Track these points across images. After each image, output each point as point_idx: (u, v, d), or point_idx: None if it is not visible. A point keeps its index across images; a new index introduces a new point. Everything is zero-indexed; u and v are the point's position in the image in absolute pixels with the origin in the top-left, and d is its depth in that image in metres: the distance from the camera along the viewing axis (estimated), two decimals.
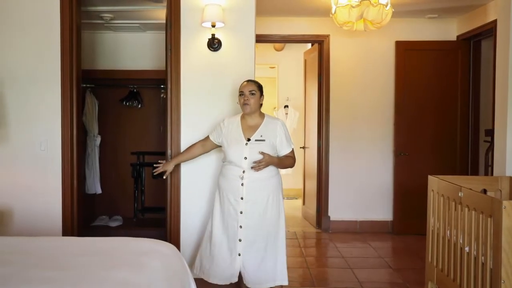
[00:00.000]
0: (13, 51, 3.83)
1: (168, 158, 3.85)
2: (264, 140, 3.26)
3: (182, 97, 3.87)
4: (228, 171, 3.32)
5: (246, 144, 3.26)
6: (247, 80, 3.39)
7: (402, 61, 5.69)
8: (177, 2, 3.83)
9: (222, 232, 3.32)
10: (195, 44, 3.86)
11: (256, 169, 3.19)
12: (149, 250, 2.57)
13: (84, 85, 4.90)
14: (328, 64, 5.81)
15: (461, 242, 2.96)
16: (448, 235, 3.17)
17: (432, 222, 3.45)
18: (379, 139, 5.84)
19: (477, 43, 5.61)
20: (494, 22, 4.72)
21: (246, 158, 3.22)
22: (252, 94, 3.28)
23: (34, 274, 2.14)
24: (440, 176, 3.41)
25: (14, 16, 3.82)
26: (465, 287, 2.86)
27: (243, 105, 3.29)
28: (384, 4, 4.39)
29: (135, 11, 4.80)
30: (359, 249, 5.15)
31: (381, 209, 5.86)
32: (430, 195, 3.49)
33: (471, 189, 2.93)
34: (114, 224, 5.27)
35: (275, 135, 3.29)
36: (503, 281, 2.43)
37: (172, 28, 3.84)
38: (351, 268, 4.43)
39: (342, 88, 5.83)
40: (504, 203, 2.42)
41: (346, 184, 5.87)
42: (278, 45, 7.96)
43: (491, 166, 4.47)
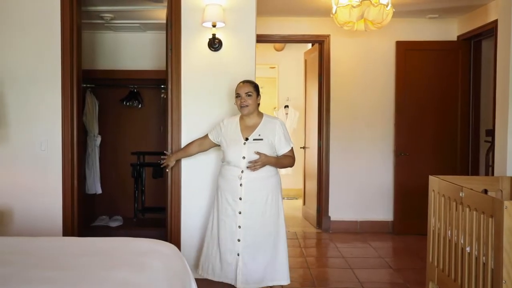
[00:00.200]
0: (13, 51, 3.83)
1: None
2: (262, 139, 3.25)
3: (182, 97, 3.87)
4: (227, 171, 3.32)
5: (244, 143, 3.26)
6: (243, 82, 3.36)
7: (402, 61, 5.68)
8: (177, 2, 3.82)
9: (222, 232, 3.32)
10: (196, 44, 3.86)
11: (252, 169, 3.19)
12: (149, 250, 2.56)
13: (84, 85, 4.90)
14: (328, 64, 5.80)
15: (462, 242, 2.96)
16: (449, 235, 3.17)
17: (433, 222, 3.45)
18: (379, 139, 5.83)
19: (477, 43, 5.61)
20: (495, 22, 4.72)
21: (244, 158, 3.22)
22: (249, 95, 3.27)
23: (34, 274, 2.14)
24: (441, 176, 3.41)
25: (14, 16, 3.82)
26: (466, 287, 2.86)
27: (241, 107, 3.29)
28: (384, 4, 4.39)
29: (136, 11, 4.80)
30: (360, 249, 5.15)
31: (381, 209, 5.86)
32: (431, 195, 3.48)
33: (472, 189, 2.93)
34: (114, 224, 5.27)
35: (273, 134, 3.28)
36: (504, 281, 2.42)
37: (172, 28, 3.84)
38: (352, 268, 4.43)
39: (342, 88, 5.82)
40: (506, 203, 2.41)
41: (347, 184, 5.87)
42: (278, 45, 7.96)
43: (492, 166, 4.47)
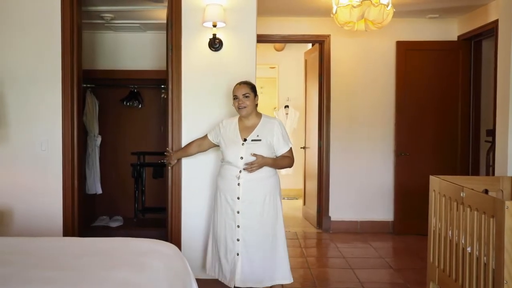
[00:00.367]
0: (13, 51, 3.82)
1: None
2: (260, 140, 3.26)
3: (183, 97, 3.87)
4: (226, 171, 3.33)
5: (243, 144, 3.26)
6: (239, 83, 3.36)
7: (403, 61, 5.68)
8: (178, 2, 3.82)
9: (222, 232, 3.34)
10: (196, 44, 3.85)
11: (248, 170, 3.19)
12: (150, 250, 2.56)
13: (84, 85, 4.89)
14: (328, 64, 5.80)
15: (463, 242, 2.96)
16: (450, 235, 3.16)
17: (434, 222, 3.44)
18: (379, 139, 5.83)
19: (478, 43, 5.60)
20: (495, 22, 4.72)
21: (242, 158, 3.23)
22: (246, 96, 3.28)
23: (34, 275, 2.14)
24: (441, 176, 3.40)
25: (14, 16, 3.82)
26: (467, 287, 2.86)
27: (239, 109, 3.30)
28: (385, 4, 4.39)
29: (136, 11, 4.80)
30: (360, 249, 5.15)
31: (381, 209, 5.85)
32: (432, 195, 3.48)
33: (472, 189, 2.93)
34: (114, 224, 5.26)
35: (272, 135, 3.28)
36: (505, 281, 2.42)
37: (173, 28, 3.83)
38: (352, 269, 4.42)
39: (342, 88, 5.82)
40: (507, 203, 2.41)
41: (347, 184, 5.86)
42: (278, 45, 7.95)
43: (492, 166, 4.46)
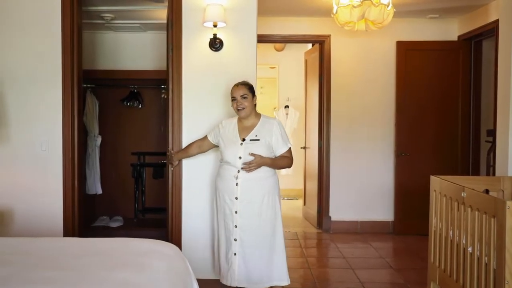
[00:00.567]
0: (13, 51, 3.82)
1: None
2: (258, 139, 3.26)
3: (183, 97, 3.87)
4: (224, 171, 3.33)
5: (241, 144, 3.26)
6: (237, 84, 3.35)
7: (403, 61, 5.68)
8: (178, 2, 3.81)
9: (222, 232, 3.35)
10: (197, 44, 3.85)
11: (246, 170, 3.19)
12: (150, 250, 2.56)
13: (84, 85, 4.89)
14: (329, 64, 5.80)
15: (464, 242, 2.95)
16: (450, 235, 3.16)
17: (435, 222, 3.44)
18: (380, 139, 5.83)
19: (478, 43, 5.60)
20: (495, 22, 4.71)
21: (240, 158, 3.23)
22: (244, 97, 3.28)
23: (34, 275, 2.13)
24: (442, 176, 3.40)
25: (15, 16, 3.81)
26: None
27: (237, 110, 3.30)
28: (385, 4, 4.38)
29: (136, 11, 4.79)
30: (360, 249, 5.14)
31: (382, 209, 5.85)
32: (433, 196, 3.48)
33: (473, 189, 2.92)
34: (114, 224, 5.26)
35: (270, 135, 3.28)
36: (507, 281, 2.41)
37: (173, 28, 3.83)
38: (353, 269, 4.42)
39: (343, 88, 5.82)
40: (508, 203, 2.41)
41: (347, 184, 5.86)
42: (278, 45, 7.95)
43: (493, 166, 4.46)
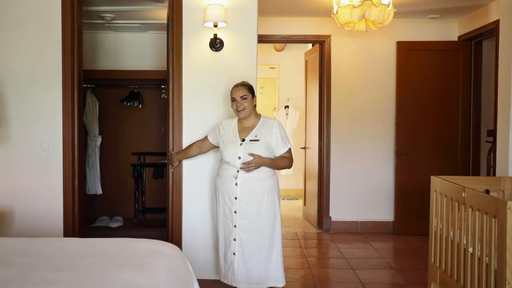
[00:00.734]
0: (13, 51, 3.81)
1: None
2: (258, 140, 3.26)
3: (184, 97, 3.87)
4: (224, 171, 3.33)
5: (241, 144, 3.26)
6: (236, 85, 3.35)
7: (403, 61, 5.68)
8: (179, 2, 3.82)
9: (222, 232, 3.36)
10: (197, 44, 3.85)
11: (245, 170, 3.20)
12: (152, 251, 2.55)
13: (84, 85, 4.89)
14: (329, 65, 5.79)
15: (464, 243, 2.95)
16: (451, 236, 3.16)
17: (435, 222, 3.44)
18: (380, 139, 5.83)
19: (478, 43, 5.60)
20: (496, 22, 4.72)
21: (240, 158, 3.23)
22: (244, 98, 3.28)
23: (35, 276, 2.13)
24: (442, 177, 3.40)
25: (15, 16, 3.81)
26: None
27: (237, 111, 3.30)
28: (386, 4, 4.38)
29: (136, 11, 4.79)
30: (361, 249, 5.14)
31: (382, 209, 5.85)
32: (433, 196, 3.48)
33: (474, 189, 2.92)
34: (114, 225, 5.26)
35: (270, 135, 3.28)
36: (507, 282, 2.42)
37: (174, 28, 3.83)
38: (353, 269, 4.42)
39: (343, 88, 5.82)
40: (509, 203, 2.41)
41: (347, 184, 5.86)
42: (278, 45, 7.95)
43: (493, 166, 4.46)
